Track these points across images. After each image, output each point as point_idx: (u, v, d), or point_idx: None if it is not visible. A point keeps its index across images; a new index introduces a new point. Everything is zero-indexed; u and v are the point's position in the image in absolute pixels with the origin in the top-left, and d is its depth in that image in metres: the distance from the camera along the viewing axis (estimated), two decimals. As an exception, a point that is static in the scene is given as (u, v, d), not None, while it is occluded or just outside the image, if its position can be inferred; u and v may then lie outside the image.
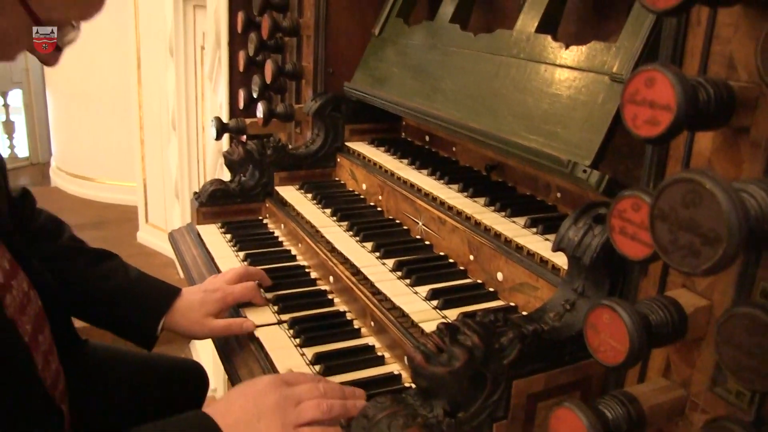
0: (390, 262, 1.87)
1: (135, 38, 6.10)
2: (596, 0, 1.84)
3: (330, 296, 1.94)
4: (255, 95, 2.94)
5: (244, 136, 3.01)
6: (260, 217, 2.53)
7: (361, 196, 2.39)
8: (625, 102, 0.98)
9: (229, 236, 2.35)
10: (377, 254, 1.93)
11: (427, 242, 2.00)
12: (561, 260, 1.52)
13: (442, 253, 1.93)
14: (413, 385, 1.26)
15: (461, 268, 1.84)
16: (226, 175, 2.72)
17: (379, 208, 2.27)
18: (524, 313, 1.60)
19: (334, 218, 2.19)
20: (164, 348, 4.54)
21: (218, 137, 2.96)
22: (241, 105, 3.06)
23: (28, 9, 1.17)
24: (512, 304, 1.66)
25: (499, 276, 1.70)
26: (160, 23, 5.52)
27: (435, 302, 1.66)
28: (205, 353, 4.27)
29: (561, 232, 1.39)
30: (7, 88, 10.02)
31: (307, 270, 2.11)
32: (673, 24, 1.12)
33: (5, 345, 1.41)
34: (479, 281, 1.77)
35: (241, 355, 1.74)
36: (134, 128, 6.42)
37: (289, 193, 2.46)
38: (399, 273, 1.81)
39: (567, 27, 1.90)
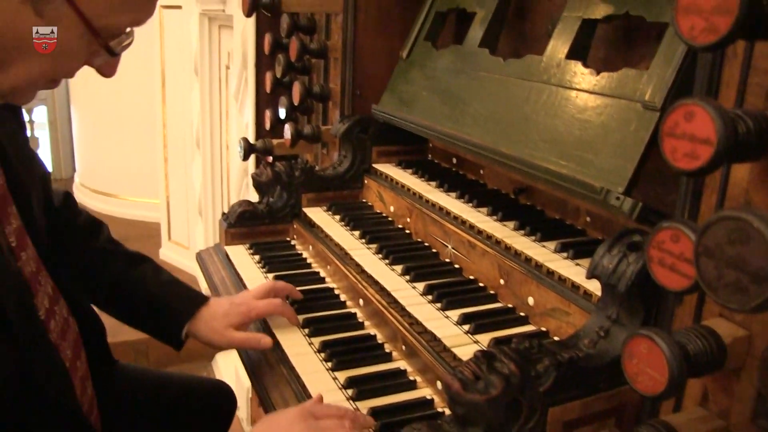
0: (420, 286, 1.87)
1: (160, 56, 6.17)
2: (625, 25, 1.85)
3: (360, 319, 1.95)
4: (282, 116, 2.97)
5: (270, 157, 3.03)
6: (288, 239, 2.55)
7: (389, 218, 2.40)
8: (664, 135, 0.98)
9: (257, 257, 2.37)
10: (407, 277, 1.94)
11: (456, 265, 2.01)
12: (593, 286, 1.52)
13: (471, 277, 1.94)
14: (447, 411, 1.27)
15: (491, 292, 1.85)
16: (251, 195, 2.75)
17: (407, 231, 2.28)
18: (556, 338, 1.61)
19: (363, 240, 2.21)
20: (186, 366, 4.57)
21: (245, 158, 2.99)
22: (268, 126, 3.09)
23: (83, 17, 1.17)
24: (544, 329, 1.66)
25: (530, 301, 1.71)
26: (185, 42, 5.58)
27: (466, 327, 1.67)
28: (228, 373, 4.28)
29: (595, 260, 1.40)
30: (32, 105, 10.14)
31: (336, 292, 2.12)
32: (708, 55, 1.13)
33: (49, 371, 1.43)
34: (510, 306, 1.78)
35: (273, 378, 1.75)
36: (158, 146, 6.48)
37: (317, 214, 2.48)
38: (429, 297, 1.82)
39: (596, 52, 1.91)
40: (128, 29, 1.29)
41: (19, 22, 1.14)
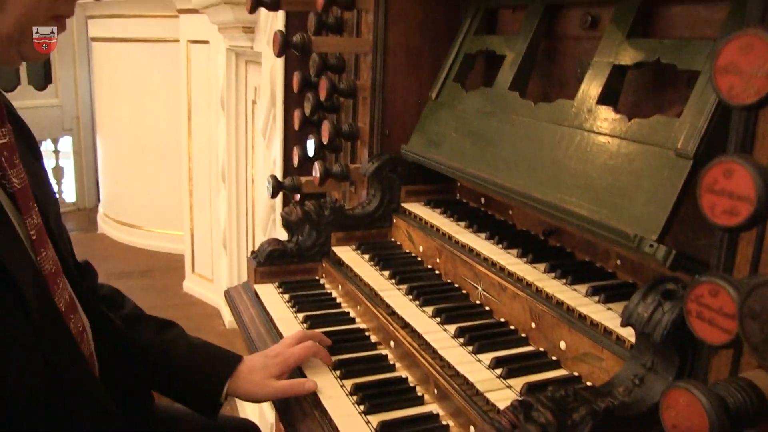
0: (451, 328, 1.88)
1: (186, 90, 6.26)
2: (655, 70, 1.86)
3: (391, 361, 1.96)
4: (310, 154, 3.00)
5: (298, 195, 3.06)
6: (317, 277, 2.57)
7: (419, 258, 2.42)
8: (703, 191, 1.00)
9: (287, 296, 2.38)
10: (438, 319, 1.95)
11: (487, 308, 2.02)
12: (626, 331, 1.53)
13: (502, 320, 1.94)
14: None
15: (523, 335, 1.86)
16: (278, 231, 2.77)
17: (437, 271, 2.30)
18: (589, 383, 1.61)
19: (393, 281, 2.22)
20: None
21: (274, 195, 3.02)
22: (296, 163, 3.11)
23: None
24: (576, 374, 1.66)
25: (562, 345, 1.71)
26: (212, 76, 5.66)
27: (499, 371, 1.68)
28: (251, 409, 4.29)
29: (630, 308, 1.40)
30: (58, 135, 10.30)
31: (366, 333, 2.13)
32: (745, 109, 1.14)
33: (72, 361, 1.46)
34: (542, 349, 1.78)
35: (305, 422, 1.76)
36: (183, 178, 6.55)
37: (346, 253, 2.50)
38: (461, 339, 1.83)
39: (626, 96, 1.92)
40: None
41: None
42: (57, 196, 1.82)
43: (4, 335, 1.33)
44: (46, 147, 10.17)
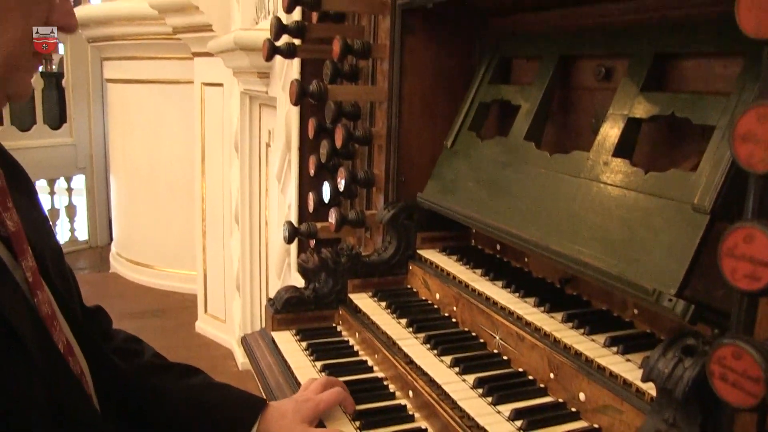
0: (470, 379, 1.89)
1: (200, 131, 6.33)
2: (669, 122, 1.88)
3: (410, 411, 1.97)
4: (326, 199, 3.03)
5: (313, 240, 3.09)
6: (334, 324, 2.58)
7: (435, 306, 2.43)
8: (723, 255, 1.02)
9: (304, 344, 2.40)
10: (457, 369, 1.96)
11: (504, 357, 2.03)
12: (646, 384, 1.53)
13: (521, 369, 1.95)
14: None
15: (541, 385, 1.86)
16: (293, 276, 2.78)
17: (454, 319, 2.31)
18: (610, 437, 1.62)
19: (410, 329, 2.23)
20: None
21: (290, 241, 3.05)
22: (311, 208, 3.15)
23: None
24: (596, 425, 1.67)
25: (582, 396, 1.72)
26: (226, 119, 5.72)
27: (519, 423, 1.68)
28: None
29: (650, 363, 1.41)
30: (72, 174, 10.41)
31: (385, 382, 2.14)
32: (762, 171, 1.16)
33: (76, 402, 1.46)
34: (561, 400, 1.79)
35: (327, 473, 1.77)
36: (196, 219, 6.59)
37: (363, 301, 2.51)
38: (480, 390, 1.84)
39: (641, 146, 1.94)
40: None
41: None
42: (56, 236, 1.81)
43: (6, 378, 1.34)
44: (59, 185, 10.28)
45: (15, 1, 1.26)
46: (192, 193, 6.70)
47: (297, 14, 3.19)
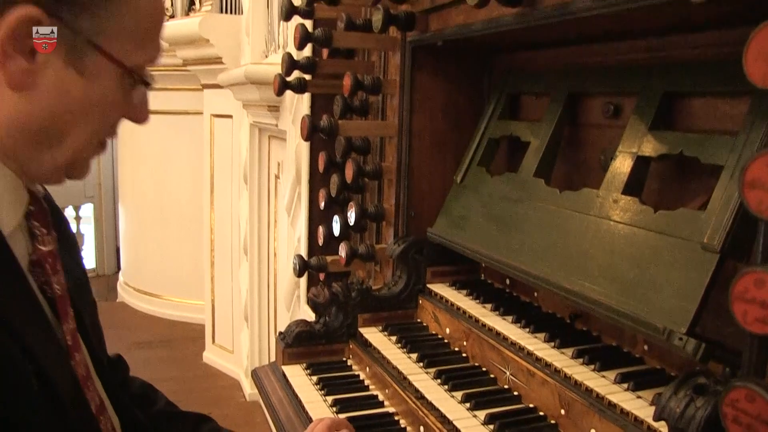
0: (481, 415, 1.90)
1: (210, 162, 6.37)
2: (678, 161, 1.90)
3: (421, 447, 1.98)
4: (336, 233, 3.05)
5: (323, 274, 3.11)
6: (344, 359, 2.59)
7: (445, 341, 2.44)
8: (734, 298, 1.03)
9: (315, 378, 2.41)
10: (468, 405, 1.96)
11: (515, 393, 2.04)
12: (657, 422, 1.54)
13: (531, 405, 1.96)
14: None
15: (552, 422, 1.87)
16: (302, 308, 2.79)
17: (464, 354, 2.32)
18: (621, 474, 1.62)
19: (421, 364, 2.24)
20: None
21: (300, 275, 3.07)
22: (321, 242, 3.17)
23: (116, 62, 1.26)
24: (607, 463, 1.68)
25: (593, 433, 1.73)
26: (235, 150, 5.76)
27: (530, 460, 1.69)
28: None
29: (662, 402, 1.42)
30: (80, 202, 10.47)
31: (396, 417, 2.15)
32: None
33: None
34: (572, 437, 1.80)
35: None
36: (205, 249, 6.62)
37: (373, 335, 2.53)
38: (491, 426, 1.85)
39: (650, 183, 1.96)
40: (147, 68, 1.37)
41: (68, 87, 1.23)
42: (93, 295, 1.84)
43: None
44: (67, 213, 10.32)
45: (97, 101, 1.29)
46: (200, 223, 6.74)
47: (307, 50, 3.23)
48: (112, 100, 1.32)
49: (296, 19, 3.04)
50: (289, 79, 3.09)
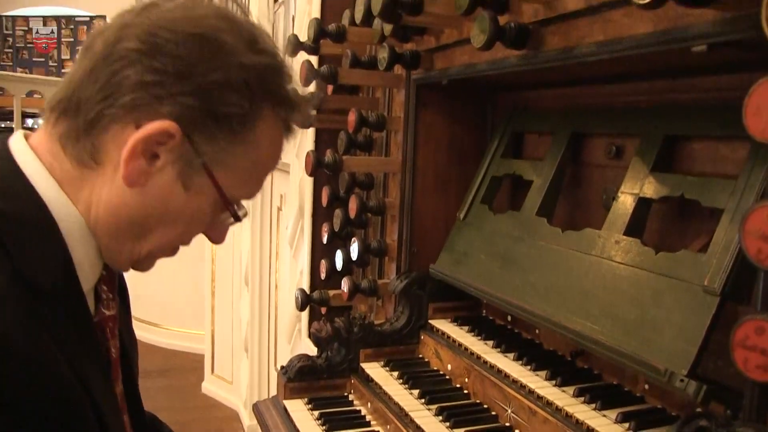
0: (483, 453, 1.91)
1: (211, 194, 6.38)
2: (678, 202, 1.92)
3: (423, 484, 1.98)
4: (338, 267, 3.07)
5: (324, 308, 3.12)
6: (346, 393, 2.60)
7: (447, 377, 2.45)
8: (735, 345, 1.05)
9: (316, 413, 2.42)
10: (469, 443, 1.98)
11: (516, 430, 2.04)
12: (659, 464, 1.56)
13: (533, 444, 1.97)
14: None
15: (553, 461, 1.88)
16: (303, 341, 2.78)
17: (465, 391, 2.33)
18: None
19: (423, 400, 2.25)
20: None
21: (302, 309, 3.08)
22: (323, 275, 3.18)
23: (220, 190, 1.33)
24: (609, 504, 1.68)
25: (594, 473, 1.73)
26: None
27: (531, 499, 1.70)
28: None
29: (663, 445, 1.44)
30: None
31: (397, 454, 2.16)
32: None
33: None
34: (573, 477, 1.80)
35: None
36: (206, 279, 6.62)
37: (375, 371, 2.54)
38: (493, 465, 1.86)
39: (651, 223, 1.99)
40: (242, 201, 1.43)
41: (170, 196, 1.31)
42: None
43: None
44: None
45: (188, 216, 1.37)
46: (201, 252, 6.74)
47: (312, 86, 3.26)
48: (201, 218, 1.39)
49: (302, 54, 3.09)
50: (294, 114, 3.11)
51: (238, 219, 1.43)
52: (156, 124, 1.23)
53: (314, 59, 3.18)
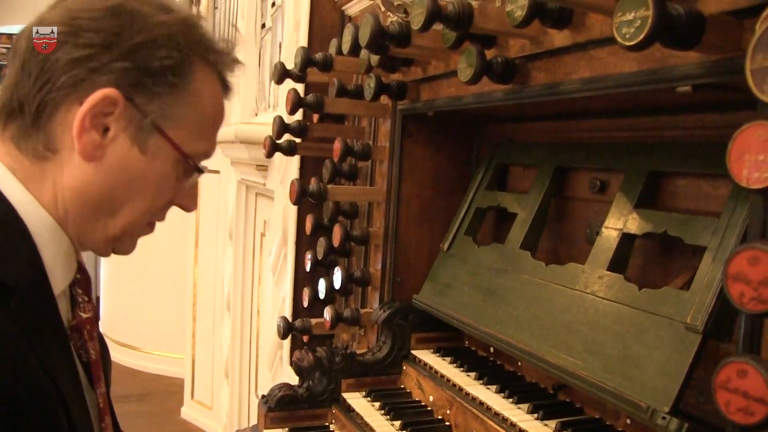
0: (464, 487, 1.90)
1: (195, 217, 6.37)
2: (661, 239, 1.94)
3: None
4: (321, 296, 3.06)
5: (306, 336, 3.11)
6: (327, 423, 2.58)
7: (429, 408, 2.44)
8: (717, 386, 1.05)
9: (297, 444, 2.40)
10: (450, 477, 1.97)
11: (498, 464, 2.04)
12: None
13: (514, 478, 1.96)
14: None
15: (535, 495, 1.87)
16: (284, 368, 2.76)
17: (447, 423, 2.32)
18: None
19: (404, 432, 2.25)
20: None
21: (284, 337, 3.07)
22: (306, 303, 3.18)
23: (175, 146, 1.37)
24: None
25: None
26: (222, 206, 5.77)
27: None
28: None
29: (644, 483, 1.44)
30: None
31: (379, 487, 2.15)
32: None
33: None
34: None
35: None
36: (187, 304, 6.58)
37: (357, 401, 2.52)
38: (473, 500, 1.85)
39: (635, 260, 2.00)
40: (201, 162, 1.46)
41: (130, 163, 1.34)
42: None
43: None
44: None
45: (153, 180, 1.39)
46: (183, 276, 6.71)
47: (298, 114, 3.27)
48: (166, 182, 1.41)
49: (288, 82, 3.09)
50: (279, 141, 3.12)
51: (200, 170, 1.45)
52: (97, 94, 1.27)
53: (300, 87, 3.19)
